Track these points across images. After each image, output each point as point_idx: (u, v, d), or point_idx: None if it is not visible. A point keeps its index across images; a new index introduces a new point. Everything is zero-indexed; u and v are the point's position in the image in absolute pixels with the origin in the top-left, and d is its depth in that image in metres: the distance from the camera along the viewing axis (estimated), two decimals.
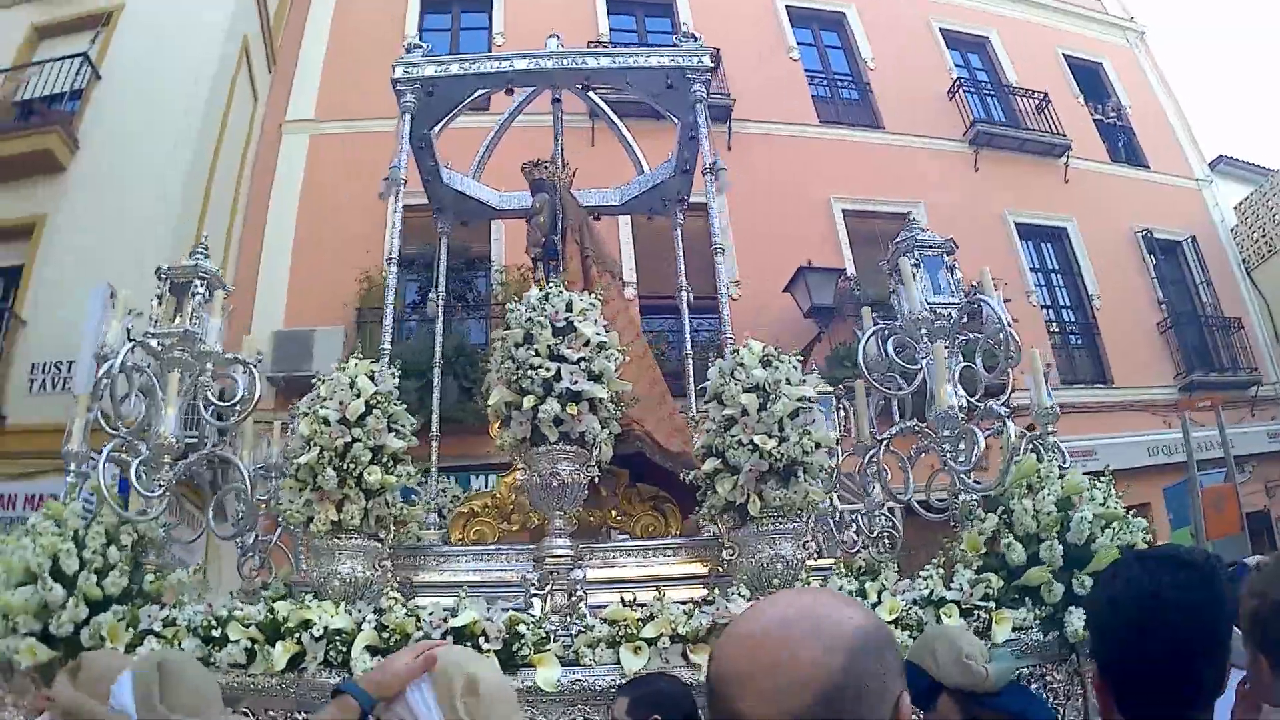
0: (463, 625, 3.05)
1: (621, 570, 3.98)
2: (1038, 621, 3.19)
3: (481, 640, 3.02)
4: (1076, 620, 3.10)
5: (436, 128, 5.23)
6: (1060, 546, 3.23)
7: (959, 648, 2.26)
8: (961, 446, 3.62)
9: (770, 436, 3.47)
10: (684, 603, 3.24)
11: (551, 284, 3.87)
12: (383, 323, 4.41)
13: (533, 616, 3.21)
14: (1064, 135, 14.19)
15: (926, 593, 3.22)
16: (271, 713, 3.05)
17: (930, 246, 3.99)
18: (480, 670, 1.54)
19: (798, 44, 14.43)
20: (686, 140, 5.16)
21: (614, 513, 4.70)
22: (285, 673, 3.03)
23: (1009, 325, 3.63)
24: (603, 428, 3.70)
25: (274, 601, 3.25)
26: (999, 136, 13.94)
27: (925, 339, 3.76)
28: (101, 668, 2.27)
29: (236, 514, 3.89)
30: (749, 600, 3.18)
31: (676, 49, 4.79)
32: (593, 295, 3.97)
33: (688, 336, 5.66)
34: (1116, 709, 1.32)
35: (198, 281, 3.89)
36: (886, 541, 4.04)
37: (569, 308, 3.73)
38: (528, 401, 3.56)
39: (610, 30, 13.79)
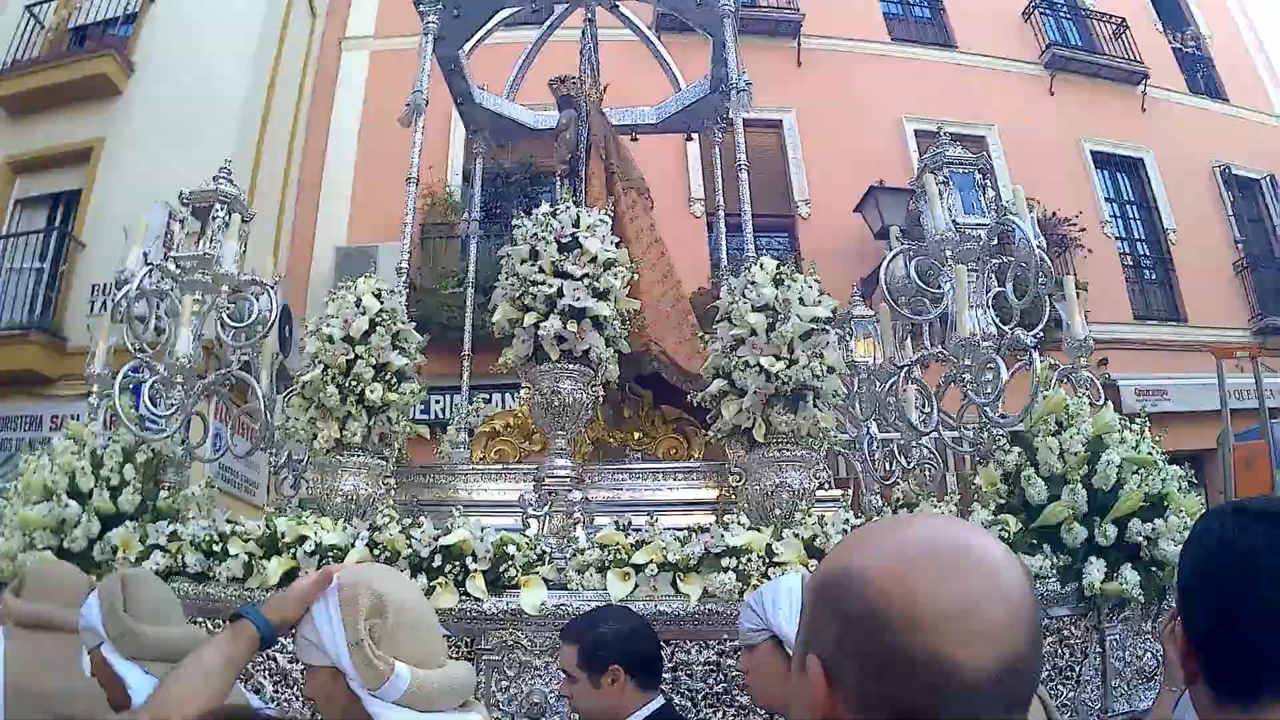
0: (451, 544, 2.91)
1: (632, 493, 3.81)
2: (1055, 570, 2.88)
3: (470, 560, 2.89)
4: (1095, 572, 2.78)
5: (466, 47, 5.01)
6: (1084, 492, 2.90)
7: None
8: (988, 377, 3.30)
9: (779, 359, 3.22)
10: (683, 529, 3.05)
11: (561, 199, 3.64)
12: (401, 243, 4.24)
13: (525, 538, 3.05)
14: (1141, 62, 13.16)
15: None
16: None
17: (961, 164, 3.61)
18: (390, 590, 1.38)
19: None
20: (719, 58, 4.81)
21: (637, 434, 4.52)
22: (279, 587, 2.95)
23: (1040, 249, 3.25)
24: (608, 346, 3.49)
25: (275, 518, 3.17)
26: (1075, 61, 13.02)
27: (950, 261, 3.41)
28: (55, 576, 2.21)
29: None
30: (748, 529, 2.97)
31: None
32: (604, 211, 3.74)
33: (724, 256, 5.38)
34: (1204, 681, 1.06)
35: (218, 205, 3.78)
36: (927, 473, 3.76)
37: (576, 223, 3.51)
38: (529, 318, 3.37)
39: None
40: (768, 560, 2.83)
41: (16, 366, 8.83)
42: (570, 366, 3.42)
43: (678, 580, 2.83)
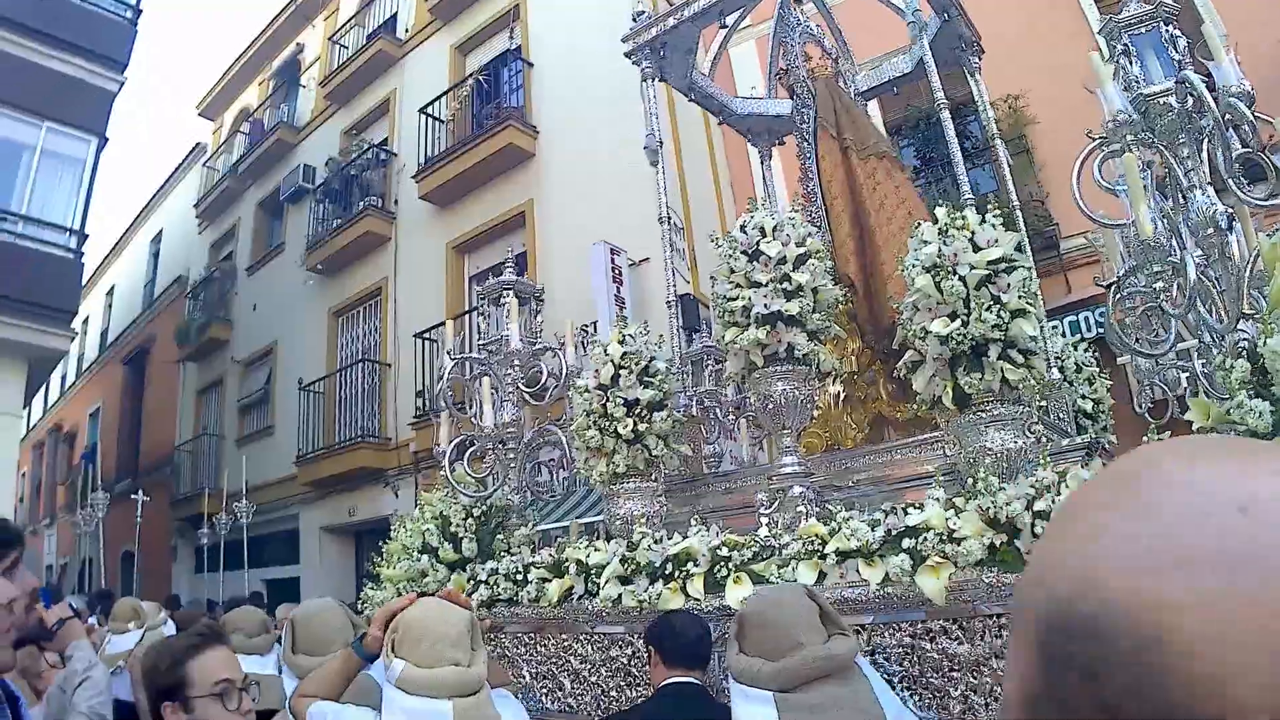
0: (677, 552, 3.67)
1: (897, 469, 4.14)
2: None
3: (690, 565, 3.61)
4: None
5: (705, 68, 5.73)
6: None
7: None
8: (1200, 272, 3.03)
9: (953, 318, 3.37)
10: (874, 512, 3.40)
11: (750, 209, 4.14)
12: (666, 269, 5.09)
13: (744, 538, 3.64)
14: None
15: None
16: (564, 636, 4.04)
17: (1136, 23, 3.30)
18: (409, 616, 2.34)
19: None
20: None
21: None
22: (561, 603, 3.99)
23: (1242, 96, 2.89)
24: (813, 339, 3.90)
25: (566, 547, 4.23)
26: None
27: (1132, 149, 3.18)
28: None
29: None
30: (941, 502, 3.20)
31: None
32: (794, 207, 4.17)
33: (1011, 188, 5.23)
34: None
35: (504, 293, 5.04)
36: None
37: (762, 232, 4.01)
38: (730, 334, 3.96)
39: None
40: (945, 538, 3.06)
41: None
42: (780, 369, 3.92)
43: (860, 566, 3.22)
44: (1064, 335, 9.21)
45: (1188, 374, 4.13)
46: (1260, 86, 8.44)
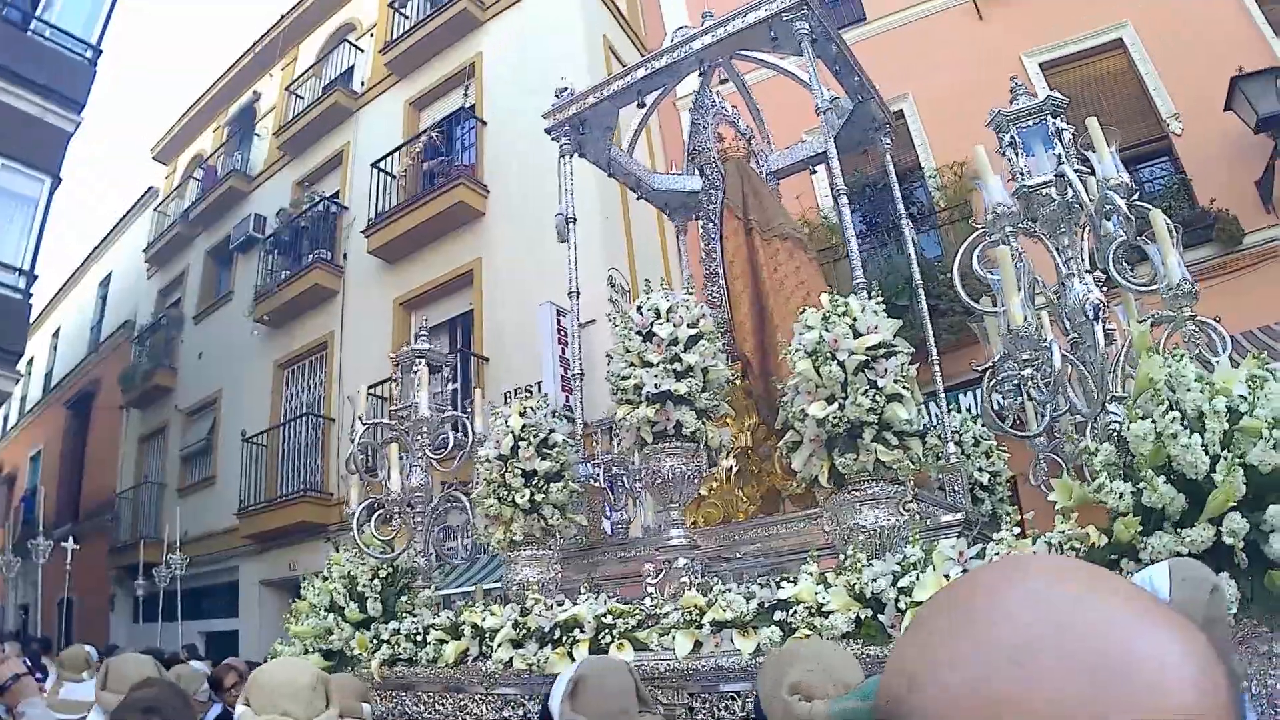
0: (565, 619, 3.75)
1: (780, 543, 4.26)
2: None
3: (576, 631, 3.69)
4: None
5: (624, 145, 5.92)
6: (1169, 489, 2.56)
7: (784, 676, 2.03)
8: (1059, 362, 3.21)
9: (830, 401, 3.51)
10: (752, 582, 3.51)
11: (648, 292, 4.28)
12: (572, 347, 5.21)
13: (626, 606, 3.73)
14: None
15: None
16: (461, 696, 4.08)
17: (1026, 115, 3.52)
18: (581, 668, 2.61)
19: None
20: (843, 70, 5.08)
21: None
22: (458, 664, 4.04)
23: (1119, 188, 3.09)
24: (701, 418, 4.04)
25: (465, 609, 4.29)
26: None
27: (1007, 239, 3.38)
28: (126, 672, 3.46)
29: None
30: (813, 577, 3.32)
31: None
32: (686, 289, 4.33)
33: (916, 266, 5.47)
34: None
35: (416, 361, 5.13)
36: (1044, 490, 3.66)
37: (657, 314, 4.15)
38: (622, 411, 4.09)
39: None
40: (814, 612, 3.18)
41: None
42: (669, 445, 4.04)
43: (734, 636, 3.33)
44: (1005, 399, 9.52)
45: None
46: (1207, 151, 8.95)
